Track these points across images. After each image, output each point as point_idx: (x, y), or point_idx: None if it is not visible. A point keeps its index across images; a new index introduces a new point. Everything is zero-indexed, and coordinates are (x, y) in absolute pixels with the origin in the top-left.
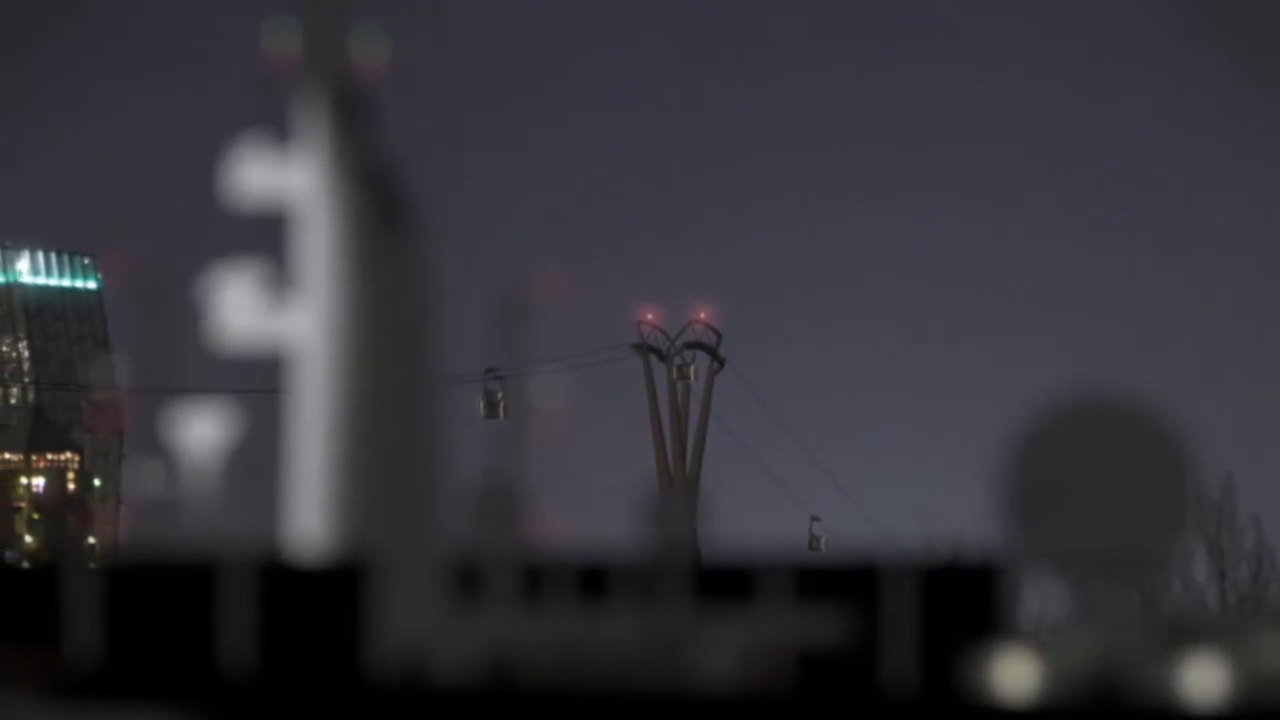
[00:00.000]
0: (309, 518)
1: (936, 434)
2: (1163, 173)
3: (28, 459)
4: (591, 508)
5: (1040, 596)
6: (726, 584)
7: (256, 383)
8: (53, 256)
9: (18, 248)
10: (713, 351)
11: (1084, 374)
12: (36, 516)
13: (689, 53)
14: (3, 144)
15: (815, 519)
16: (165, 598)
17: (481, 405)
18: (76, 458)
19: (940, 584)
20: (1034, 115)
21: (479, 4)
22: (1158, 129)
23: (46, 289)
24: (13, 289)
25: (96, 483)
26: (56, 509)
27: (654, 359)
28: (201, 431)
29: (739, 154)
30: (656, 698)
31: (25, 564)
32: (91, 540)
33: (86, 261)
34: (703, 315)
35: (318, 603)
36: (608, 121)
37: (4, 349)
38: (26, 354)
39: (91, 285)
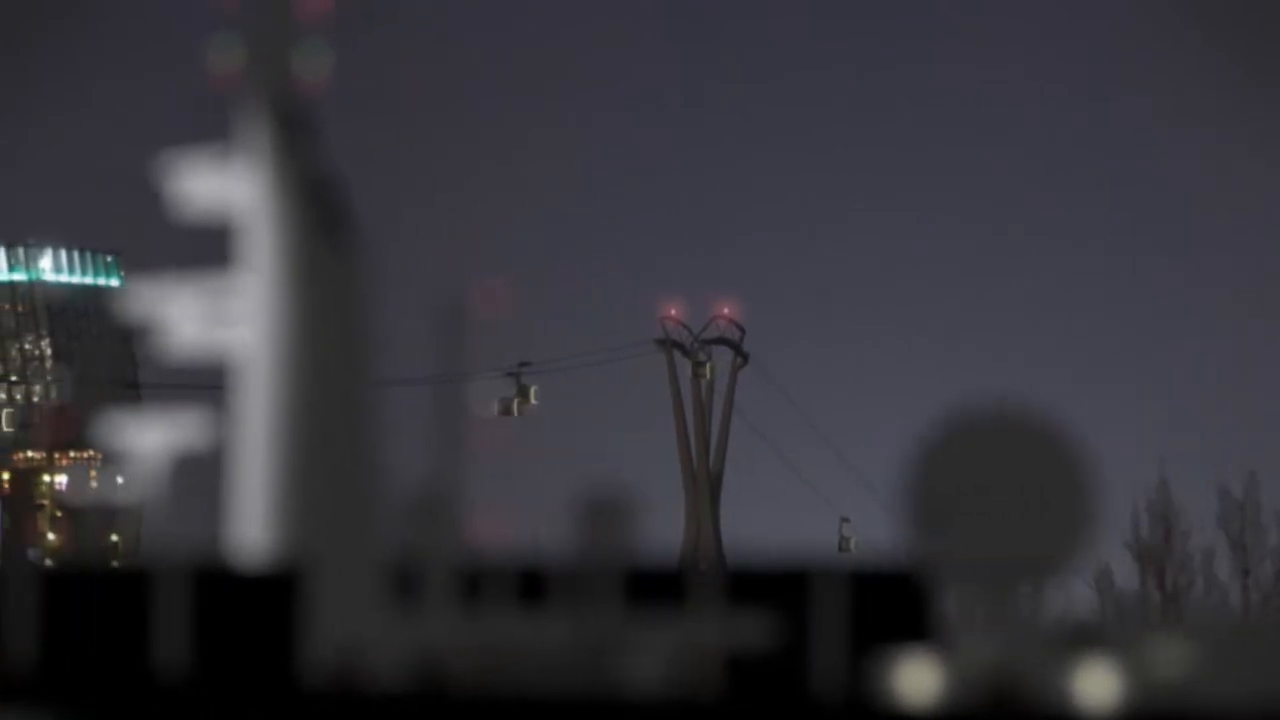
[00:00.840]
0: (252, 524)
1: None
2: (1184, 172)
3: (50, 457)
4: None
5: (949, 603)
6: (657, 588)
7: (209, 390)
8: (75, 254)
9: (40, 245)
10: (736, 347)
11: (1112, 372)
12: (59, 514)
13: (708, 51)
14: (27, 141)
15: (845, 520)
16: (101, 603)
17: (496, 405)
18: (100, 456)
19: (864, 589)
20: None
21: (484, 5)
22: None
23: (69, 287)
24: (35, 287)
25: (119, 480)
26: (79, 507)
27: (678, 355)
28: (151, 438)
29: (764, 149)
30: (586, 702)
31: (47, 562)
32: (114, 537)
33: (109, 259)
34: (726, 311)
35: (253, 608)
36: (631, 118)
37: (27, 347)
38: (49, 352)
39: (115, 283)
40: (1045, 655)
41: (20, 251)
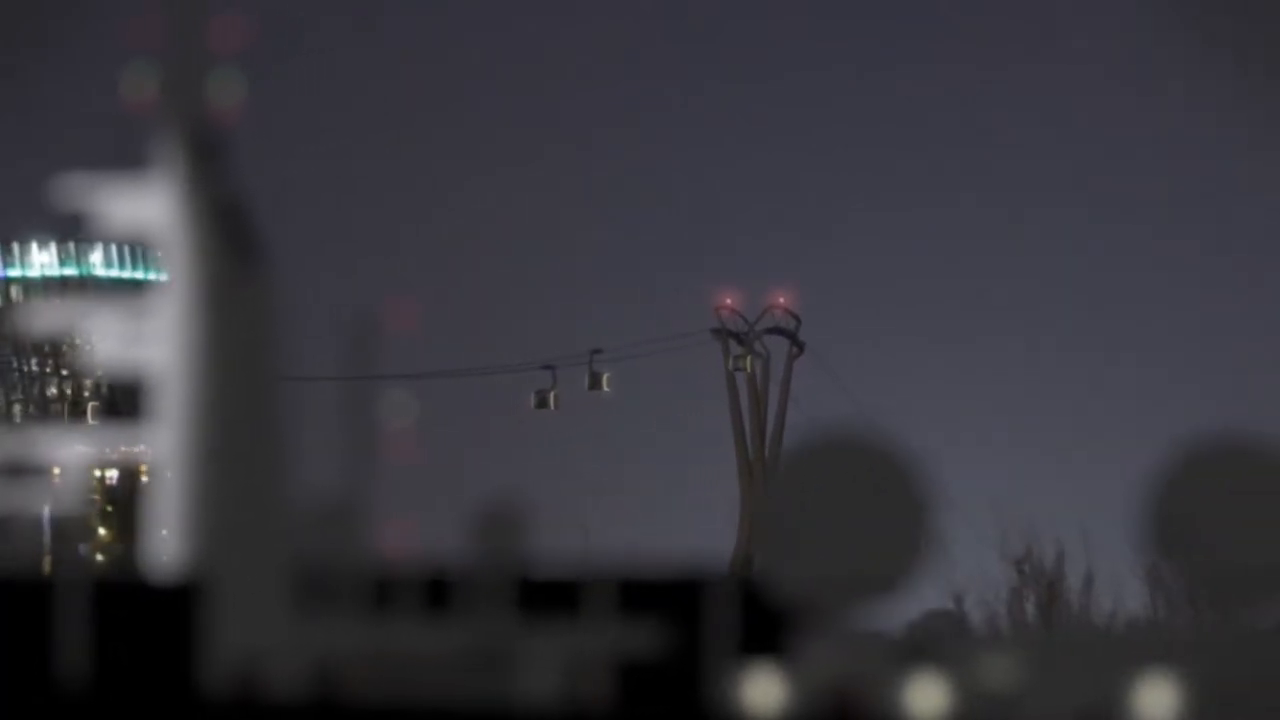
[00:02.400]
0: (167, 536)
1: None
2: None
3: (101, 451)
4: (670, 500)
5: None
6: (551, 597)
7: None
8: (126, 249)
9: (91, 240)
10: (792, 336)
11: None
12: (110, 509)
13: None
14: (74, 134)
15: None
16: (3, 614)
17: (533, 398)
18: (149, 450)
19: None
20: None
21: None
22: None
23: (120, 281)
24: (86, 282)
25: (169, 475)
26: (129, 502)
27: (733, 344)
28: (74, 452)
29: (821, 138)
30: (478, 713)
31: (98, 558)
32: (164, 532)
33: (160, 254)
34: (782, 300)
35: (156, 619)
36: (686, 105)
37: (77, 341)
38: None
39: (165, 277)
40: (883, 667)
41: (71, 246)
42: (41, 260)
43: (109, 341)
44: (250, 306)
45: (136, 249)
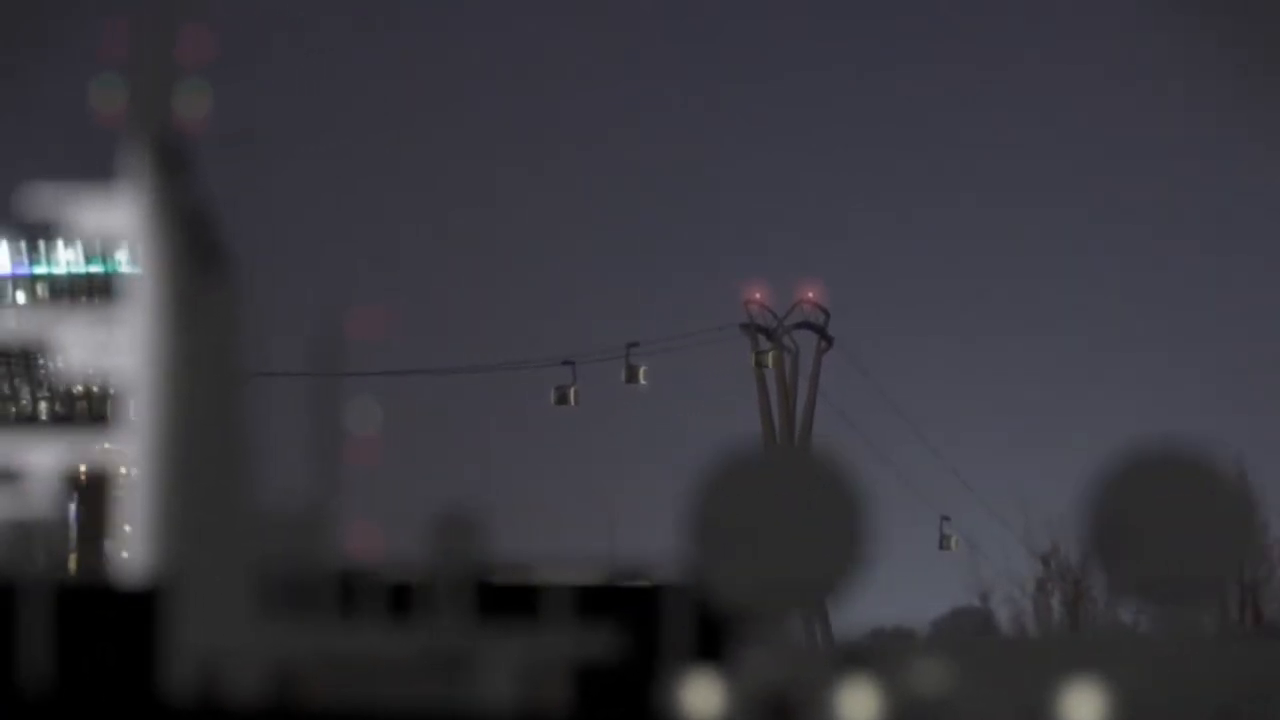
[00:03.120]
0: (135, 541)
1: (1042, 426)
2: None
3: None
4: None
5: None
6: (509, 602)
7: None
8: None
9: (117, 237)
10: (820, 330)
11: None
12: (82, 514)
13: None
14: (102, 131)
15: (945, 519)
16: None
17: (553, 395)
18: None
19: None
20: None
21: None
22: None
23: None
24: (112, 278)
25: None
26: (99, 507)
27: (762, 340)
28: (46, 458)
29: (848, 132)
30: (435, 716)
31: (123, 555)
32: (130, 536)
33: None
34: (811, 294)
35: (120, 623)
36: (713, 98)
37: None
38: None
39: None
40: (819, 674)
41: (97, 243)
42: (67, 258)
43: (79, 349)
44: (216, 313)
45: None
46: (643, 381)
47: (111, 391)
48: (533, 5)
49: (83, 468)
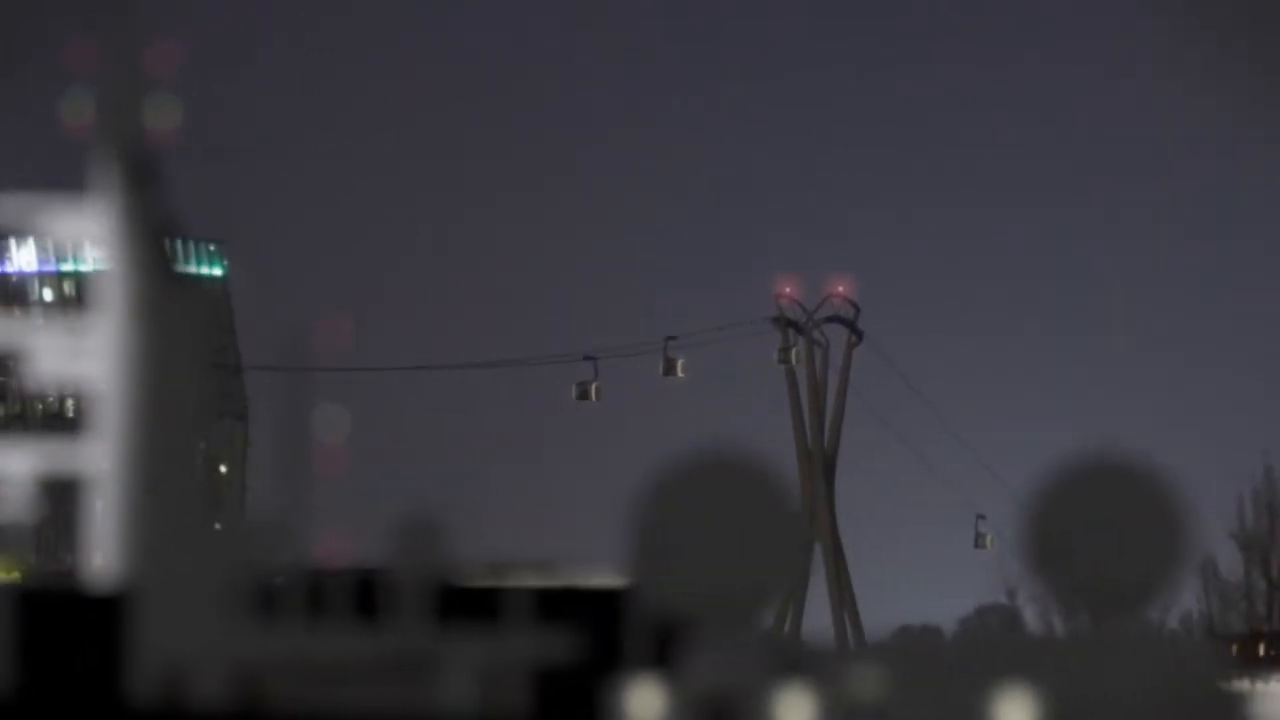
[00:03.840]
0: (102, 546)
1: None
2: None
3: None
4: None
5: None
6: (469, 605)
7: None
8: (178, 243)
9: None
10: (851, 325)
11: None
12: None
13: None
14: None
15: (981, 517)
16: None
17: (574, 390)
18: (202, 444)
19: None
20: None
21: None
22: None
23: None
24: None
25: (223, 469)
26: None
27: (790, 335)
28: (20, 464)
29: (880, 127)
30: (396, 719)
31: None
32: (217, 526)
33: (212, 248)
34: (841, 289)
35: (84, 629)
36: (746, 93)
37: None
38: None
39: (218, 272)
40: (758, 680)
41: None
42: (94, 255)
43: (49, 357)
44: (183, 322)
45: (191, 243)
46: (680, 374)
47: (78, 398)
48: (568, 2)
49: (53, 472)
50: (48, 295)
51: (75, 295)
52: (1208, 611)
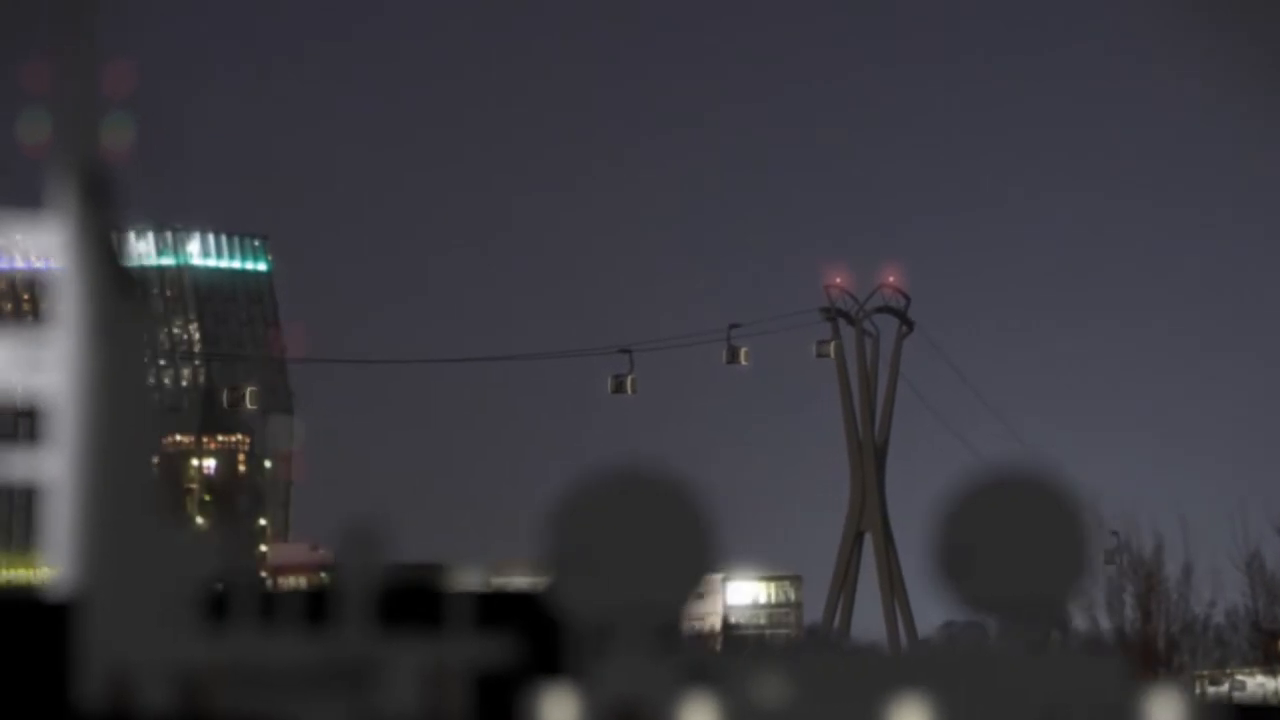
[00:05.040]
0: (58, 554)
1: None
2: None
3: (199, 441)
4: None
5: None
6: (411, 609)
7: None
8: (223, 239)
9: (188, 230)
10: (901, 315)
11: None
12: (208, 498)
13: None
14: (174, 127)
15: None
16: None
17: (609, 382)
18: (247, 439)
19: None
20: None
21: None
22: None
23: (216, 271)
24: (183, 271)
25: (267, 464)
26: (228, 491)
27: (843, 328)
28: None
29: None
30: None
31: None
32: (262, 522)
33: (257, 243)
34: (891, 279)
35: (33, 635)
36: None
37: (174, 331)
38: (197, 336)
39: (262, 267)
40: (666, 687)
41: (168, 236)
42: (139, 250)
43: (3, 371)
44: (134, 337)
45: (235, 239)
46: (744, 363)
47: (32, 408)
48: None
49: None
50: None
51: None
52: (1254, 606)
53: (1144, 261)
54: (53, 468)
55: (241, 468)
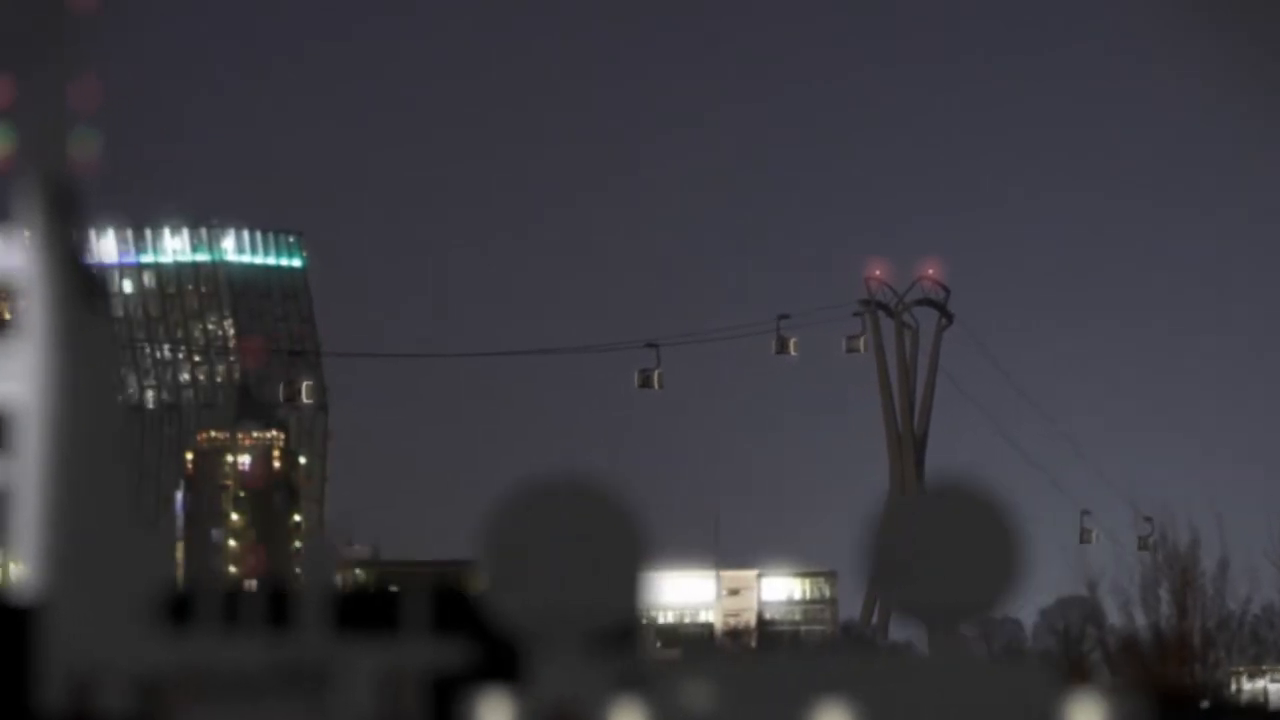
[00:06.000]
0: (26, 559)
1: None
2: None
3: (234, 437)
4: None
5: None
6: (367, 613)
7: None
8: (258, 235)
9: (223, 226)
10: (941, 307)
11: None
12: (242, 494)
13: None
14: (210, 123)
15: (1086, 513)
16: None
17: (636, 378)
18: (282, 435)
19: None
20: None
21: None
22: None
23: (252, 267)
24: (218, 267)
25: (302, 460)
26: (263, 487)
27: (880, 319)
28: None
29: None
30: None
31: (230, 543)
32: (297, 518)
33: (292, 240)
34: (931, 271)
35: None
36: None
37: (209, 327)
38: (232, 332)
39: (296, 264)
40: (598, 692)
41: (203, 232)
42: (174, 246)
43: None
44: (99, 346)
45: (269, 235)
46: (794, 353)
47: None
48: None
49: None
50: (127, 287)
51: (155, 287)
52: None
53: (1144, 261)
54: (18, 474)
55: (276, 464)
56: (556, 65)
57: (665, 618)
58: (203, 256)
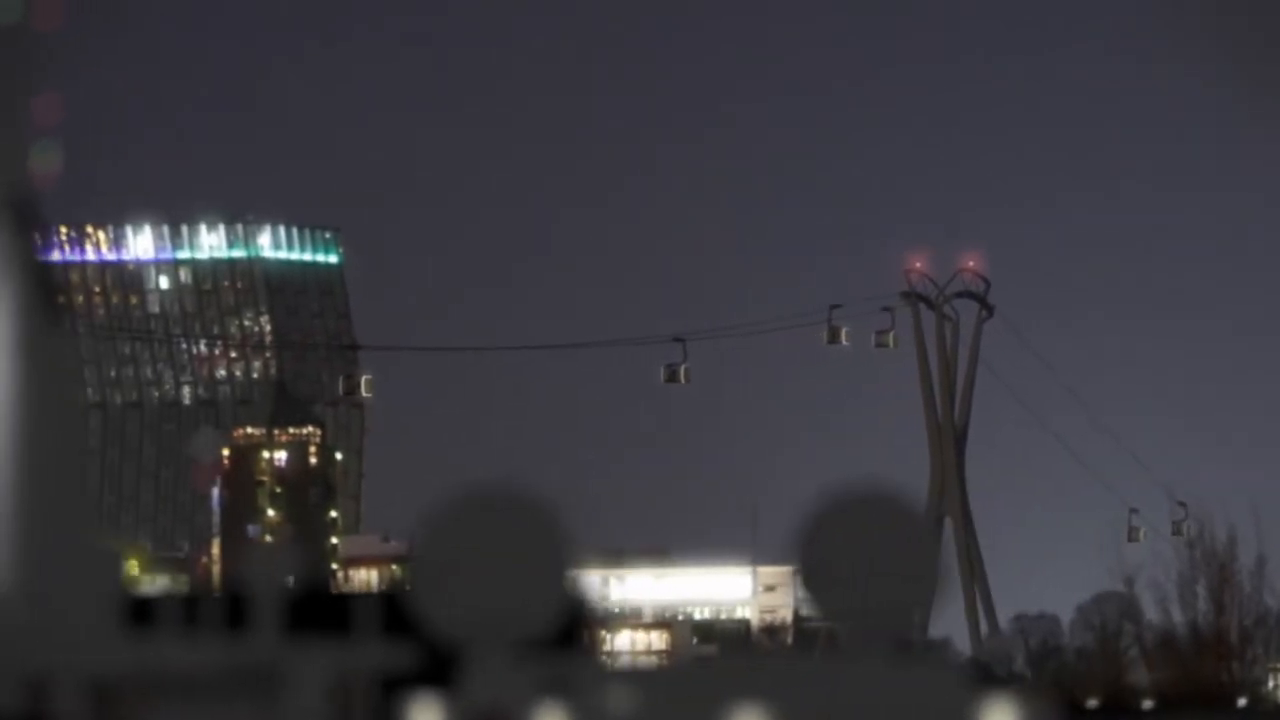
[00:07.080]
0: None
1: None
2: None
3: (270, 433)
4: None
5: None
6: (319, 615)
7: None
8: (294, 231)
9: (259, 222)
10: (981, 299)
11: None
12: (279, 491)
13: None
14: (246, 119)
15: (1134, 510)
16: None
17: (662, 372)
18: (319, 431)
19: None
20: None
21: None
22: None
23: (288, 263)
24: (254, 263)
25: (338, 456)
26: (299, 483)
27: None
28: None
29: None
30: None
31: (267, 539)
32: (333, 514)
33: (328, 236)
34: (971, 264)
35: None
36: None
37: (246, 323)
38: (268, 328)
39: (333, 260)
40: (524, 697)
41: (239, 228)
42: (210, 242)
43: None
44: (59, 356)
45: (306, 231)
46: (845, 343)
47: None
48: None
49: None
50: (164, 283)
51: (191, 283)
52: None
53: (1145, 260)
54: None
55: (313, 460)
56: (597, 59)
57: (701, 613)
58: (239, 253)
